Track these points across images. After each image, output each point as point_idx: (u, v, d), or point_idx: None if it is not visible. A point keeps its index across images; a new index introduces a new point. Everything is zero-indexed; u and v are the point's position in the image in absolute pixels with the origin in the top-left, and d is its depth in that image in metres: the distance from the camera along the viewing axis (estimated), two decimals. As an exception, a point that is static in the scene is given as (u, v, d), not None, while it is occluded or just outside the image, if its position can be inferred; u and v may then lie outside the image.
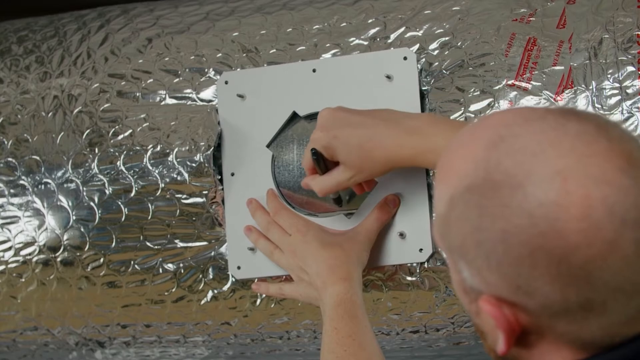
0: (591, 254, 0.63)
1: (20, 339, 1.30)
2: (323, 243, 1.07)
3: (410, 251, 1.10)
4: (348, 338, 0.99)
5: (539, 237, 0.64)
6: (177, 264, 1.19)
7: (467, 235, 0.68)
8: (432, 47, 1.12)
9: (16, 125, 1.28)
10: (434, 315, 1.11)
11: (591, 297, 0.65)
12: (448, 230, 0.70)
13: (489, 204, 0.66)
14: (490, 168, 0.67)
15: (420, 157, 0.99)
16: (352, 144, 1.00)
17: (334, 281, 1.04)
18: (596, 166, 0.64)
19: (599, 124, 0.67)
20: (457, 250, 0.70)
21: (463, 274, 0.71)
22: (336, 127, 1.02)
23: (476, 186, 0.67)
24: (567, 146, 0.65)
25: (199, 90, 1.20)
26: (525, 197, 0.65)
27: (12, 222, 1.27)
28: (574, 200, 0.63)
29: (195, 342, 1.23)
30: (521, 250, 0.65)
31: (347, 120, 1.02)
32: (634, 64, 1.02)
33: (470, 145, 0.70)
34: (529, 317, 0.68)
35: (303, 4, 1.22)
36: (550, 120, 0.67)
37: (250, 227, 1.14)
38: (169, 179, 1.19)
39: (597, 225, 0.63)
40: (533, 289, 0.66)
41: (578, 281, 0.64)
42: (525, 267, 0.65)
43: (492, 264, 0.67)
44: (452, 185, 0.70)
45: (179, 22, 1.26)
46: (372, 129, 1.00)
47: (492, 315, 0.68)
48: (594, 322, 0.66)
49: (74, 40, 1.30)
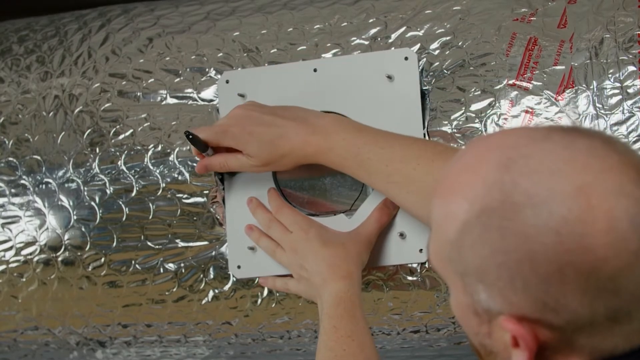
0: (619, 266, 0.65)
1: (21, 339, 1.30)
2: (324, 241, 1.07)
3: (410, 251, 1.10)
4: (347, 338, 0.99)
5: (567, 253, 0.65)
6: (178, 264, 1.19)
7: (486, 258, 0.68)
8: (433, 47, 1.12)
9: (17, 125, 1.28)
10: (434, 315, 1.11)
11: (618, 307, 0.66)
12: (459, 254, 0.70)
13: (511, 225, 0.67)
14: (506, 190, 0.67)
15: (321, 155, 1.05)
16: (265, 140, 1.06)
17: (334, 279, 1.04)
18: (613, 180, 0.66)
19: (605, 140, 0.69)
20: (472, 274, 0.70)
21: (479, 296, 0.70)
22: (251, 125, 1.07)
23: (493, 209, 0.68)
24: (582, 163, 0.66)
25: (200, 89, 1.20)
26: (550, 215, 0.65)
27: (13, 221, 1.27)
28: (598, 214, 0.65)
29: (196, 341, 1.23)
30: (549, 268, 0.66)
31: (261, 119, 1.07)
32: (634, 64, 1.02)
33: (478, 168, 0.70)
34: (551, 333, 0.68)
35: (304, 3, 1.22)
36: (557, 138, 0.68)
37: (251, 226, 1.14)
38: (169, 178, 1.19)
39: (622, 237, 0.65)
40: (560, 305, 0.66)
41: (606, 293, 0.65)
42: (554, 284, 0.66)
43: (516, 284, 0.67)
44: (461, 210, 0.69)
45: (179, 21, 1.26)
46: (282, 128, 1.06)
47: (517, 334, 0.68)
48: (618, 332, 0.67)
49: (75, 40, 1.30)
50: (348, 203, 1.14)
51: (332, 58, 1.16)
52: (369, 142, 1.02)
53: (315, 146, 1.04)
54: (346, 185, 1.14)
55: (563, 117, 1.04)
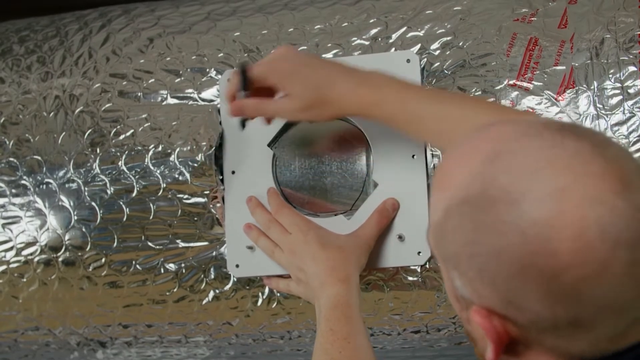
0: (582, 274, 0.64)
1: (22, 339, 1.30)
2: (323, 244, 1.07)
3: (408, 254, 1.10)
4: (343, 340, 0.99)
5: (531, 255, 0.64)
6: (178, 264, 1.19)
7: (460, 247, 0.68)
8: (434, 47, 1.12)
9: (18, 125, 1.28)
10: (435, 316, 1.11)
11: (580, 314, 0.65)
12: (442, 238, 0.71)
13: (484, 219, 0.66)
14: (487, 183, 0.67)
15: (369, 107, 0.99)
16: (311, 82, 1.00)
17: (332, 282, 1.04)
18: (592, 186, 0.64)
19: (596, 143, 0.67)
20: (450, 259, 0.70)
21: (455, 282, 0.71)
22: (298, 64, 1.01)
23: (472, 199, 0.67)
24: (563, 165, 0.65)
25: (201, 90, 1.20)
26: (520, 215, 0.65)
27: (13, 222, 1.27)
28: (568, 220, 0.64)
29: (196, 342, 1.23)
30: (513, 267, 0.65)
31: (309, 60, 1.02)
32: (635, 64, 1.02)
33: (469, 156, 0.70)
34: (518, 330, 0.68)
35: (304, 3, 1.22)
36: (547, 137, 0.67)
37: (250, 225, 1.14)
38: (170, 179, 1.19)
39: (589, 246, 0.63)
40: (523, 304, 0.66)
41: (568, 299, 0.65)
42: (517, 283, 0.66)
43: (484, 277, 0.67)
44: (448, 194, 0.70)
45: (180, 22, 1.26)
46: (330, 75, 1.00)
47: (481, 326, 0.69)
48: (582, 338, 0.67)
49: (76, 40, 1.30)
50: (348, 203, 1.14)
51: (334, 59, 1.16)
52: (422, 98, 0.97)
53: (363, 97, 0.98)
54: (346, 186, 1.14)
55: (564, 117, 1.04)
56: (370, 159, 1.13)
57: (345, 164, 1.15)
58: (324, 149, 1.16)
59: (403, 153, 1.09)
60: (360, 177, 1.14)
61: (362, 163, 1.14)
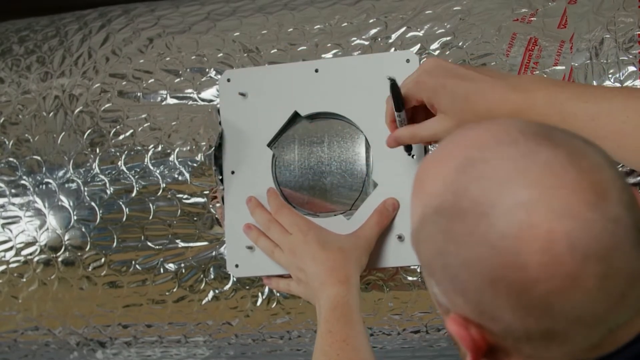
0: (552, 287, 0.63)
1: (21, 339, 1.30)
2: (323, 244, 1.07)
3: (408, 254, 1.09)
4: (342, 342, 0.99)
5: (500, 268, 0.64)
6: (178, 264, 1.19)
7: (434, 256, 0.68)
8: (434, 47, 1.12)
9: (17, 125, 1.28)
10: (435, 315, 1.11)
11: (552, 327, 0.65)
12: (418, 246, 0.71)
13: (454, 230, 0.66)
14: (458, 193, 0.66)
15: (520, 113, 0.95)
16: (459, 94, 0.97)
17: (332, 283, 1.03)
18: (561, 199, 0.63)
19: (572, 151, 0.66)
20: (427, 267, 0.70)
21: (433, 289, 0.71)
22: (444, 76, 0.98)
23: (444, 209, 0.67)
24: (534, 176, 0.64)
25: (200, 90, 1.20)
26: (488, 227, 0.64)
27: (13, 222, 1.27)
28: (536, 233, 0.63)
29: (196, 342, 1.23)
30: (483, 279, 0.65)
31: (455, 71, 0.98)
32: (635, 64, 1.02)
33: (443, 163, 0.69)
34: (495, 338, 0.68)
35: (304, 4, 1.22)
36: (521, 145, 0.66)
37: (249, 225, 1.14)
38: (170, 179, 1.19)
39: (558, 260, 0.63)
40: (495, 315, 0.66)
41: (538, 312, 0.64)
42: (487, 295, 0.65)
43: (457, 287, 0.67)
44: (423, 202, 0.70)
45: (180, 22, 1.26)
46: (479, 83, 0.96)
47: (456, 334, 0.69)
48: (556, 349, 0.67)
49: (75, 40, 1.30)
50: (348, 203, 1.14)
51: (333, 59, 1.16)
52: (572, 96, 0.93)
53: (514, 104, 0.94)
54: (346, 186, 1.14)
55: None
56: (370, 159, 1.13)
57: (345, 164, 1.15)
58: (324, 149, 1.16)
59: (403, 153, 1.09)
60: (360, 177, 1.14)
61: (361, 163, 1.14)
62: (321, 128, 1.16)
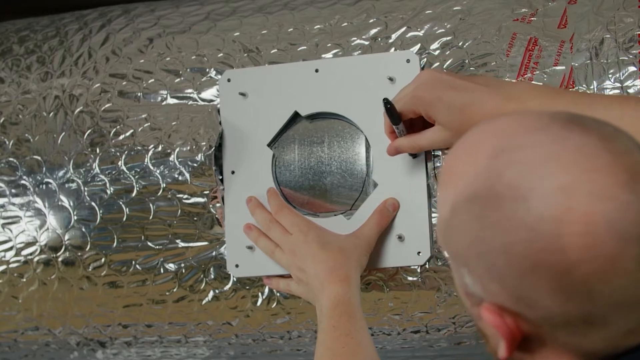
0: (592, 270, 0.63)
1: (22, 339, 1.30)
2: (323, 244, 1.07)
3: (408, 254, 1.09)
4: (346, 337, 0.99)
5: (540, 251, 0.64)
6: (178, 264, 1.19)
7: (468, 245, 0.68)
8: (434, 47, 1.12)
9: (17, 125, 1.28)
10: (435, 316, 1.11)
11: (592, 311, 0.65)
12: (450, 236, 0.70)
13: (490, 216, 0.66)
14: (492, 179, 0.67)
15: None
16: (455, 107, 0.98)
17: (332, 282, 1.03)
18: (598, 181, 0.64)
19: (603, 136, 0.66)
20: (459, 256, 0.70)
21: (465, 279, 0.71)
22: (440, 88, 1.00)
23: (478, 196, 0.67)
24: (569, 160, 0.65)
25: (200, 90, 1.20)
26: (527, 211, 0.64)
27: (13, 222, 1.27)
28: (575, 216, 0.63)
29: (196, 342, 1.23)
30: (522, 264, 0.65)
31: (450, 83, 1.00)
32: (635, 64, 1.02)
33: (473, 152, 0.69)
34: (531, 327, 0.68)
35: (304, 3, 1.22)
36: (553, 130, 0.67)
37: (250, 226, 1.14)
38: (170, 179, 1.19)
39: (598, 242, 0.63)
40: (534, 301, 0.66)
41: (579, 296, 0.64)
42: (526, 280, 0.65)
43: (493, 274, 0.67)
44: (454, 191, 0.69)
45: (180, 22, 1.26)
46: (474, 93, 0.98)
47: (492, 323, 0.68)
48: (594, 334, 0.67)
49: (75, 40, 1.30)
50: (348, 203, 1.14)
51: (334, 59, 1.16)
52: (568, 104, 0.94)
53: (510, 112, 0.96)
54: (346, 186, 1.14)
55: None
56: (370, 158, 1.13)
57: (345, 164, 1.15)
58: (324, 149, 1.16)
59: (403, 153, 1.09)
60: (360, 177, 1.14)
61: (362, 163, 1.14)
62: (321, 128, 1.16)
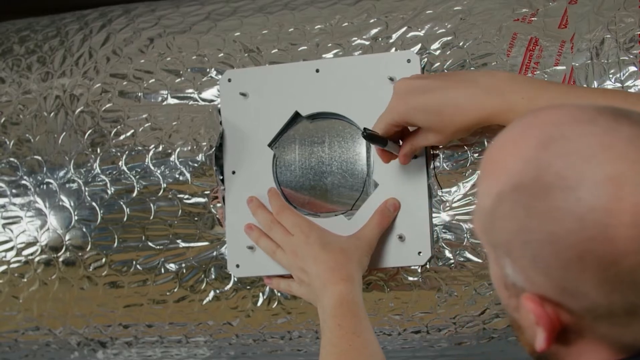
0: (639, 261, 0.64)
1: (22, 339, 1.30)
2: (325, 245, 1.07)
3: (409, 254, 1.09)
4: (352, 334, 0.99)
5: (588, 241, 0.64)
6: (179, 264, 1.19)
7: (513, 234, 0.68)
8: (434, 47, 1.12)
9: (18, 126, 1.28)
10: (435, 316, 1.11)
11: (637, 302, 0.65)
12: (492, 225, 0.70)
13: (538, 205, 0.66)
14: (541, 169, 0.67)
15: (500, 116, 0.97)
16: (431, 111, 0.99)
17: (335, 282, 1.03)
18: None
19: None
20: (501, 246, 0.70)
21: (506, 270, 0.71)
22: (412, 96, 1.00)
23: (525, 186, 0.67)
24: (619, 151, 0.65)
25: (201, 90, 1.20)
26: (577, 201, 0.65)
27: (14, 222, 1.27)
28: (625, 207, 0.64)
29: (197, 342, 1.23)
30: (570, 254, 0.65)
31: (423, 87, 1.00)
32: (635, 64, 1.02)
33: (520, 142, 0.69)
34: (572, 318, 0.68)
35: (305, 3, 1.22)
36: (602, 123, 0.67)
37: (251, 226, 1.14)
38: (171, 179, 1.19)
39: None
40: (579, 291, 0.66)
41: (625, 286, 0.65)
42: (573, 270, 0.65)
43: (538, 264, 0.67)
44: (499, 181, 0.69)
45: (180, 22, 1.26)
46: (449, 92, 0.98)
47: (534, 313, 0.68)
48: (636, 325, 0.67)
49: (76, 40, 1.30)
50: (349, 204, 1.14)
51: (334, 59, 1.16)
52: (554, 97, 0.94)
53: (490, 108, 0.97)
54: (347, 186, 1.14)
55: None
56: (370, 159, 1.13)
57: (345, 164, 1.15)
58: (324, 149, 1.16)
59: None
60: (360, 177, 1.14)
61: (362, 163, 1.14)
62: (322, 128, 1.16)
